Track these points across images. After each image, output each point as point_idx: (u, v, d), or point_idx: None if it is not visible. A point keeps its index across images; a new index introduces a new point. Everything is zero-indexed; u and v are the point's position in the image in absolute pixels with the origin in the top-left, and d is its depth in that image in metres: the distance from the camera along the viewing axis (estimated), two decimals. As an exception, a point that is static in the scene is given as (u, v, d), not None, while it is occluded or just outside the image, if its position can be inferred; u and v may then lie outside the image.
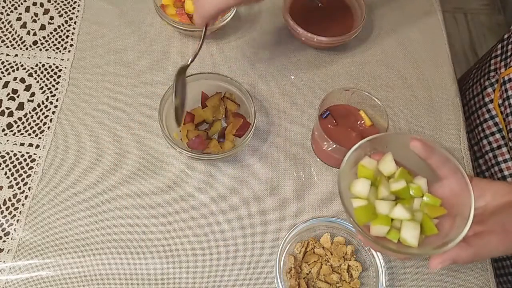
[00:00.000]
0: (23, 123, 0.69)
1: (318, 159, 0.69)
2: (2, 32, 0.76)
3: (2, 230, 0.61)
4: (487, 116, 0.76)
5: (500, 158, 0.75)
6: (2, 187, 0.64)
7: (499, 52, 0.77)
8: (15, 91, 0.71)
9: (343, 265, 0.60)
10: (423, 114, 0.74)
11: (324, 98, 0.64)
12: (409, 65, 0.78)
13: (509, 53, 0.73)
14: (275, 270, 0.58)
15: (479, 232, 0.46)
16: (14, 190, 0.64)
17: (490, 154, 0.76)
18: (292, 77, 0.76)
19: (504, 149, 0.74)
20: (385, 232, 0.48)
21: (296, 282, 0.58)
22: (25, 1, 0.79)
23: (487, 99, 0.76)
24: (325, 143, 0.64)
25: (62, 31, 0.77)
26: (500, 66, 0.75)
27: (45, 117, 0.69)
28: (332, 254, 0.61)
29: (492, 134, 0.75)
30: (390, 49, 0.79)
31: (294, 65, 0.77)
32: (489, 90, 0.76)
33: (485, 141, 0.77)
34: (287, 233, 0.60)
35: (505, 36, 0.77)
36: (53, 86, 0.72)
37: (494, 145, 0.75)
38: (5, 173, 0.65)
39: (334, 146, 0.62)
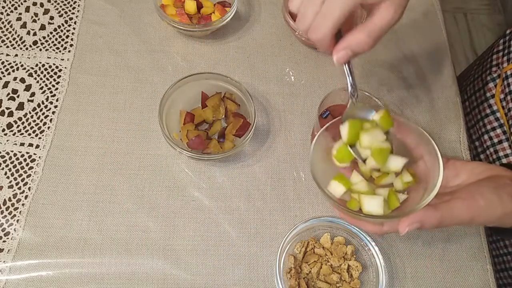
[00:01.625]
0: (23, 123, 0.69)
1: (318, 159, 0.69)
2: (2, 32, 0.76)
3: (2, 230, 0.61)
4: (488, 111, 0.77)
5: (501, 153, 0.75)
6: (2, 187, 0.64)
7: (501, 47, 0.77)
8: (15, 91, 0.71)
9: (343, 265, 0.60)
10: (423, 114, 0.74)
11: (324, 98, 0.64)
12: (409, 65, 0.78)
13: (511, 48, 0.73)
14: (275, 270, 0.58)
15: (448, 199, 0.46)
16: (14, 190, 0.64)
17: (491, 149, 0.76)
18: (292, 77, 0.76)
19: (505, 144, 0.74)
20: (340, 193, 0.49)
21: (296, 282, 0.58)
22: (25, 1, 0.79)
23: (488, 94, 0.77)
24: (325, 143, 0.64)
25: (62, 31, 0.77)
26: (502, 61, 0.75)
27: (45, 117, 0.69)
28: (332, 254, 0.61)
29: (493, 129, 0.76)
30: (389, 49, 0.79)
31: (294, 65, 0.77)
32: (491, 85, 0.76)
33: (486, 136, 0.77)
34: (287, 233, 0.60)
35: (507, 32, 0.77)
36: (53, 86, 0.72)
37: (495, 140, 0.76)
38: (5, 173, 0.65)
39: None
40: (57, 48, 0.75)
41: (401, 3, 0.47)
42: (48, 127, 0.68)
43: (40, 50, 0.75)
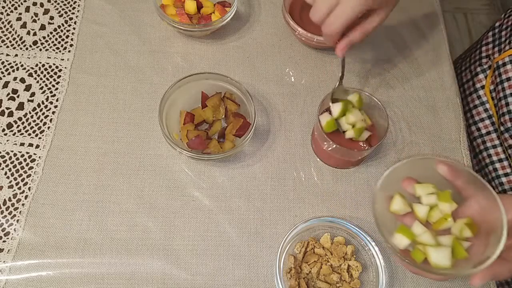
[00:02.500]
0: (23, 123, 0.69)
1: (318, 159, 0.69)
2: (2, 32, 0.76)
3: (2, 230, 0.61)
4: (477, 102, 0.77)
5: (489, 144, 0.76)
6: (2, 187, 0.64)
7: (490, 39, 0.78)
8: (15, 91, 0.71)
9: (343, 265, 0.60)
10: (423, 114, 0.74)
11: (324, 98, 0.64)
12: (409, 65, 0.78)
13: (502, 39, 0.74)
14: (275, 270, 0.58)
15: (511, 246, 0.47)
16: (14, 190, 0.64)
17: (479, 140, 0.77)
18: (292, 77, 0.76)
19: (494, 135, 0.74)
20: (405, 245, 0.50)
21: (296, 282, 0.58)
22: (25, 1, 0.79)
23: (478, 85, 0.77)
24: (325, 143, 0.64)
25: (62, 31, 0.77)
26: (493, 52, 0.76)
27: (45, 117, 0.69)
28: (332, 254, 0.61)
29: (482, 120, 0.76)
30: (390, 49, 0.79)
31: (294, 65, 0.77)
32: (481, 76, 0.77)
33: (473, 127, 0.78)
34: (287, 233, 0.60)
35: (497, 24, 0.78)
36: (53, 86, 0.72)
37: (483, 131, 0.76)
38: (5, 173, 0.65)
39: (334, 146, 0.62)
40: (57, 48, 0.75)
41: (392, 7, 0.59)
42: (48, 127, 0.68)
43: (40, 50, 0.75)
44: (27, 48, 0.75)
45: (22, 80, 0.72)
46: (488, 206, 0.49)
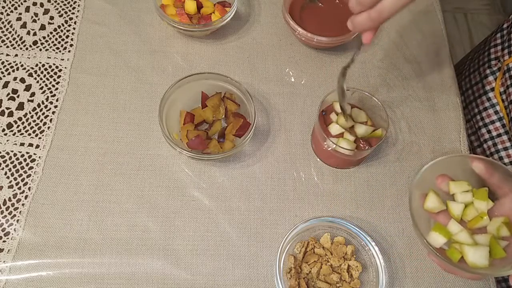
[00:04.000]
0: (23, 123, 0.69)
1: (318, 159, 0.69)
2: (2, 32, 0.76)
3: (2, 230, 0.61)
4: (487, 104, 0.77)
5: (500, 146, 0.75)
6: (2, 187, 0.64)
7: (499, 41, 0.77)
8: (15, 91, 0.71)
9: (343, 265, 0.60)
10: (423, 114, 0.74)
11: (324, 98, 0.64)
12: (409, 65, 0.78)
13: None
14: (275, 270, 0.58)
15: None
16: (14, 190, 0.64)
17: (490, 143, 0.77)
18: (292, 77, 0.76)
19: (505, 137, 0.74)
20: (441, 244, 0.50)
21: (296, 282, 0.58)
22: (25, 1, 0.79)
23: (487, 87, 0.77)
24: (325, 143, 0.64)
25: (62, 31, 0.77)
26: (503, 54, 0.75)
27: (45, 117, 0.69)
28: (332, 254, 0.61)
29: (492, 122, 0.76)
30: (390, 49, 0.79)
31: (294, 65, 0.77)
32: (490, 78, 0.77)
33: (484, 130, 0.78)
34: (287, 233, 0.60)
35: (505, 26, 0.77)
36: (53, 86, 0.72)
37: (494, 133, 0.76)
38: (5, 173, 0.65)
39: (334, 146, 0.62)
40: (57, 48, 0.75)
41: None
42: (48, 127, 0.68)
43: (40, 50, 0.75)
44: (27, 48, 0.75)
45: (22, 80, 0.72)
46: None
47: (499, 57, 0.76)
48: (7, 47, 0.74)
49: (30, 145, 0.67)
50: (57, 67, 0.73)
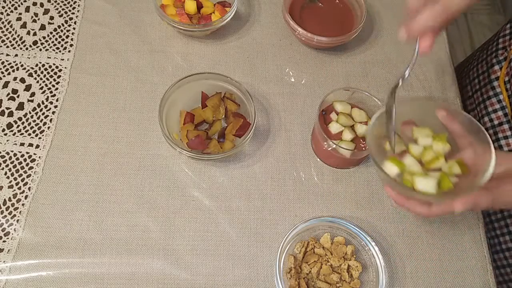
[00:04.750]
0: (23, 123, 0.69)
1: (318, 159, 0.69)
2: (2, 32, 0.76)
3: (2, 230, 0.61)
4: (491, 93, 0.77)
5: (500, 135, 0.76)
6: (2, 187, 0.64)
7: (507, 31, 0.78)
8: (15, 91, 0.71)
9: (343, 265, 0.60)
10: (423, 114, 0.74)
11: (324, 98, 0.64)
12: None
13: None
14: (275, 270, 0.58)
15: (497, 185, 0.49)
16: (14, 190, 0.64)
17: (491, 131, 0.77)
18: (292, 77, 0.76)
19: (506, 126, 0.75)
20: (393, 174, 0.52)
21: (296, 282, 0.58)
22: (25, 1, 0.79)
23: (493, 77, 0.77)
24: (325, 143, 0.64)
25: (62, 31, 0.77)
26: (509, 44, 0.76)
27: (45, 117, 0.69)
28: (332, 254, 0.61)
29: (495, 111, 0.76)
30: (390, 49, 0.79)
31: (294, 65, 0.77)
32: (496, 67, 0.77)
33: (486, 118, 0.78)
34: (287, 233, 0.60)
35: None
36: (53, 86, 0.72)
37: (496, 122, 0.77)
38: (5, 173, 0.65)
39: (334, 146, 0.62)
40: (57, 48, 0.75)
41: None
42: (48, 127, 0.68)
43: (40, 50, 0.75)
44: (27, 48, 0.75)
45: (22, 80, 0.72)
46: (482, 150, 0.51)
47: (506, 47, 0.76)
48: (7, 47, 0.74)
49: (30, 145, 0.67)
50: (57, 67, 0.73)
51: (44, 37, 0.76)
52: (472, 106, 0.81)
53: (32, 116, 0.69)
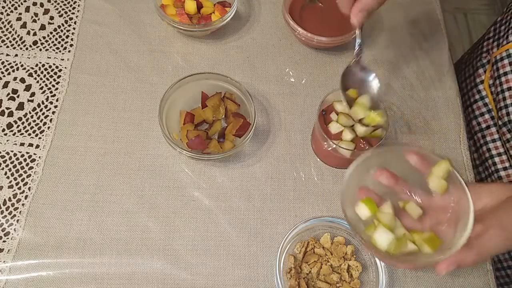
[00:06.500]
0: (23, 123, 0.69)
1: (318, 159, 0.69)
2: (2, 32, 0.76)
3: (2, 230, 0.61)
4: (477, 97, 0.78)
5: (488, 138, 0.76)
6: (2, 187, 0.64)
7: (491, 34, 0.78)
8: (15, 91, 0.71)
9: (343, 265, 0.60)
10: (423, 114, 0.74)
11: (324, 98, 0.64)
12: (409, 65, 0.78)
13: (501, 34, 0.74)
14: (275, 270, 0.58)
15: (479, 233, 0.47)
16: (14, 190, 0.64)
17: (479, 135, 0.77)
18: (292, 77, 0.76)
19: (493, 129, 0.75)
20: (365, 216, 0.50)
21: (296, 282, 0.58)
22: (25, 1, 0.79)
23: (478, 80, 0.78)
24: (325, 143, 0.64)
25: (62, 31, 0.77)
26: (492, 47, 0.76)
27: (45, 117, 0.69)
28: (332, 254, 0.61)
29: (482, 114, 0.77)
30: (389, 49, 0.79)
31: (294, 65, 0.77)
32: (481, 71, 0.78)
33: (474, 122, 0.78)
34: (287, 233, 0.60)
35: (498, 19, 0.78)
36: (53, 86, 0.72)
37: (483, 125, 0.77)
38: (5, 173, 0.65)
39: (334, 146, 0.62)
40: (57, 48, 0.75)
41: None
42: (48, 127, 0.68)
43: (40, 50, 0.75)
44: (27, 48, 0.75)
45: (22, 80, 0.72)
46: (458, 197, 0.49)
47: (489, 50, 0.77)
48: (7, 47, 0.74)
49: (30, 145, 0.67)
50: (57, 67, 0.73)
51: (44, 37, 0.76)
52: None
53: (32, 116, 0.69)
